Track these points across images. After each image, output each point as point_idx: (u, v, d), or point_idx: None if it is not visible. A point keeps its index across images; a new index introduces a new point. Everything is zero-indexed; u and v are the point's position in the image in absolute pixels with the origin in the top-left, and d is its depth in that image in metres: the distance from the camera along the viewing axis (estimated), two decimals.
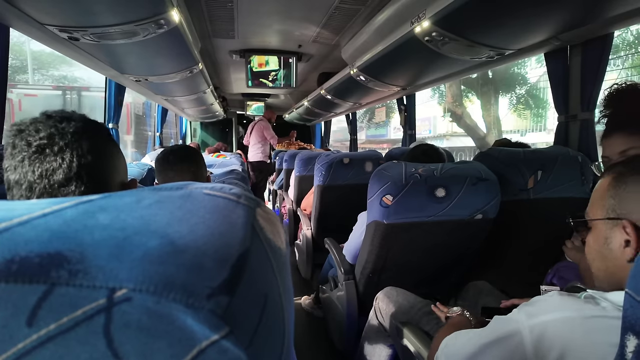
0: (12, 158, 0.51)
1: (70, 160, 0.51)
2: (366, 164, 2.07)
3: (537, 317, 0.52)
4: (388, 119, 14.88)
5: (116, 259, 0.19)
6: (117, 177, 0.59)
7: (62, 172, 0.51)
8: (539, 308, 0.53)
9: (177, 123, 5.36)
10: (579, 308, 0.50)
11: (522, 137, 10.64)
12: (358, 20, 2.05)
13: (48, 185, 0.50)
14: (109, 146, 0.58)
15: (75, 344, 0.17)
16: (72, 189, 0.51)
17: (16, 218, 0.19)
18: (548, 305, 0.52)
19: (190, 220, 0.21)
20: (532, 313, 0.53)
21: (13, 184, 0.51)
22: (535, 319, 0.52)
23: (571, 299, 0.52)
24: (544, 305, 0.53)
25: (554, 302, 0.52)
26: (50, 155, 0.50)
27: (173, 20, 1.37)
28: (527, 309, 0.55)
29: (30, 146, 0.50)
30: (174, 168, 1.07)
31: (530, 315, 0.53)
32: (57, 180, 0.51)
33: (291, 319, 0.26)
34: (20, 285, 0.17)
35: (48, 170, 0.50)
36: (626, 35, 7.27)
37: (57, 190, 0.51)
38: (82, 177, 0.52)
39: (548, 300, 0.54)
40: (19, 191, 0.51)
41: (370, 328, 1.23)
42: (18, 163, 0.50)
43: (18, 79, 10.38)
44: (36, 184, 0.50)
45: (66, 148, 0.51)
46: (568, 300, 0.52)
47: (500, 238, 1.28)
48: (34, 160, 0.50)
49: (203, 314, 0.19)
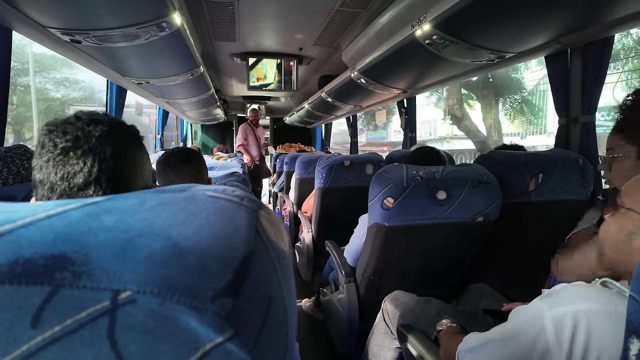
0: (40, 157, 0.52)
1: (92, 165, 0.51)
2: (367, 166, 2.07)
3: (560, 307, 0.51)
4: (388, 122, 14.89)
5: (120, 261, 0.19)
6: (141, 181, 0.58)
7: (82, 176, 0.51)
8: (562, 298, 0.52)
9: (178, 126, 5.37)
10: (602, 300, 0.48)
11: (522, 139, 10.64)
12: (359, 23, 2.05)
13: (68, 188, 0.51)
14: (133, 150, 0.57)
15: (79, 346, 0.17)
16: (90, 193, 0.52)
17: (20, 220, 0.19)
18: (571, 296, 0.51)
19: (193, 222, 0.21)
20: (554, 303, 0.52)
21: (37, 183, 0.52)
22: (557, 309, 0.51)
23: (595, 290, 0.51)
24: (567, 296, 0.52)
25: (577, 293, 0.51)
26: (73, 158, 0.51)
27: (175, 23, 1.38)
28: (549, 299, 0.53)
29: (56, 147, 0.51)
30: (174, 170, 1.07)
31: (552, 305, 0.52)
32: (76, 184, 0.51)
33: (294, 321, 0.26)
34: (25, 287, 0.17)
35: (69, 173, 0.51)
36: (626, 39, 7.29)
37: (76, 194, 0.51)
38: (102, 182, 0.52)
39: (570, 290, 0.52)
40: (42, 191, 0.52)
41: (377, 329, 1.23)
42: (44, 163, 0.51)
43: (19, 81, 10.40)
44: (57, 185, 0.51)
45: (89, 152, 0.51)
46: (592, 291, 0.50)
47: (501, 240, 1.28)
48: (58, 162, 0.51)
49: (207, 316, 0.19)
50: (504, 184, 1.18)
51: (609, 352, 0.46)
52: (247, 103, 5.16)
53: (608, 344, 0.46)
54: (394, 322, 1.11)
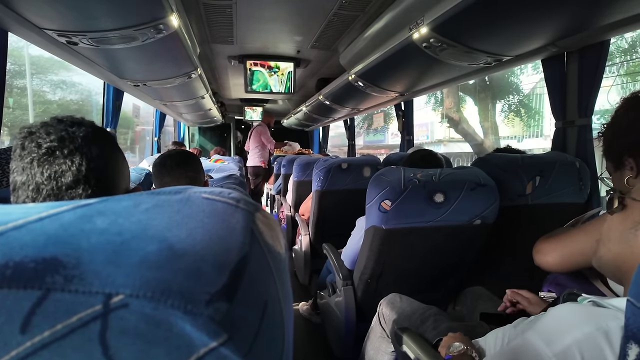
0: (21, 159, 0.51)
1: (80, 164, 0.51)
2: (364, 169, 2.07)
3: (558, 342, 0.48)
4: (386, 125, 14.92)
5: (113, 264, 0.18)
6: (123, 183, 0.59)
7: (71, 174, 0.51)
8: (555, 331, 0.49)
9: (176, 128, 5.36)
10: (594, 320, 0.46)
11: (519, 142, 10.69)
12: (356, 26, 2.06)
13: (56, 187, 0.51)
14: (115, 152, 0.58)
15: (70, 352, 0.16)
16: (80, 192, 0.52)
17: (12, 222, 0.19)
18: (562, 325, 0.49)
19: (188, 224, 0.21)
20: (551, 340, 0.49)
21: (19, 185, 0.51)
22: (556, 345, 0.48)
23: (582, 310, 0.48)
24: (558, 326, 0.49)
25: (567, 319, 0.48)
26: (60, 157, 0.51)
27: (172, 25, 1.38)
28: (541, 335, 0.50)
29: (40, 148, 0.51)
30: (171, 172, 1.06)
31: (549, 342, 0.49)
32: (65, 183, 0.51)
33: (291, 325, 0.26)
34: (15, 290, 0.17)
35: (57, 172, 0.51)
36: (621, 42, 7.35)
37: (65, 193, 0.51)
38: (90, 181, 0.52)
39: (558, 317, 0.50)
40: (25, 192, 0.51)
41: (373, 333, 1.22)
42: (27, 164, 0.51)
43: (16, 84, 10.36)
44: (44, 185, 0.51)
45: (76, 151, 0.52)
46: (582, 313, 0.48)
47: (499, 243, 1.28)
48: (43, 162, 0.51)
49: (201, 320, 0.18)
50: (501, 187, 1.18)
51: None
52: (245, 106, 5.17)
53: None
54: (390, 326, 1.11)
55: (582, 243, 0.88)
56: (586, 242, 0.85)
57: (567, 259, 0.94)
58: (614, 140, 0.64)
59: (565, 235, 0.97)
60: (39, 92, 11.24)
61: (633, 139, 0.60)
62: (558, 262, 0.96)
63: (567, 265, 0.94)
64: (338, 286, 1.46)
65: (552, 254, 0.98)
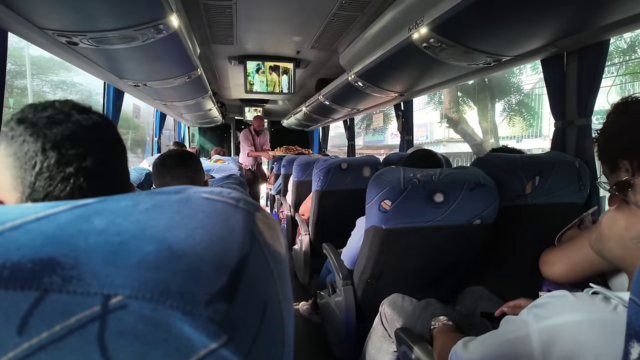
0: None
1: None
2: (364, 169, 2.07)
3: (546, 320, 0.50)
4: (385, 125, 14.93)
5: (111, 265, 0.18)
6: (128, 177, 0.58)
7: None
8: (548, 310, 0.51)
9: (176, 128, 5.36)
10: (588, 310, 0.47)
11: (518, 142, 10.69)
12: (356, 26, 2.06)
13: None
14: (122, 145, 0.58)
15: (68, 353, 0.16)
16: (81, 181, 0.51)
17: (9, 222, 0.19)
18: (557, 307, 0.50)
19: (188, 224, 0.21)
20: (541, 315, 0.51)
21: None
22: (543, 321, 0.50)
23: (581, 299, 0.50)
24: (553, 307, 0.51)
25: (564, 304, 0.50)
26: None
27: (172, 26, 1.37)
28: (536, 310, 0.53)
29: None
30: (171, 172, 1.06)
31: (538, 317, 0.51)
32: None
33: (291, 326, 0.26)
34: (12, 291, 0.17)
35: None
36: (620, 42, 7.36)
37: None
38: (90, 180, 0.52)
39: (557, 301, 0.51)
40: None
41: (375, 333, 1.22)
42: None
43: (17, 84, 10.36)
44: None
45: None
46: (578, 301, 0.49)
47: (499, 243, 1.27)
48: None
49: (201, 321, 0.18)
50: (500, 187, 1.18)
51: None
52: (245, 106, 5.17)
53: (602, 354, 0.44)
54: (392, 326, 1.11)
55: (589, 250, 0.88)
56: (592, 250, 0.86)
57: (574, 267, 0.93)
58: (607, 144, 0.65)
59: (570, 245, 0.97)
60: (39, 93, 11.24)
61: (625, 141, 0.60)
62: (565, 272, 0.96)
63: (575, 274, 0.94)
64: (338, 286, 1.46)
65: (558, 265, 0.98)
